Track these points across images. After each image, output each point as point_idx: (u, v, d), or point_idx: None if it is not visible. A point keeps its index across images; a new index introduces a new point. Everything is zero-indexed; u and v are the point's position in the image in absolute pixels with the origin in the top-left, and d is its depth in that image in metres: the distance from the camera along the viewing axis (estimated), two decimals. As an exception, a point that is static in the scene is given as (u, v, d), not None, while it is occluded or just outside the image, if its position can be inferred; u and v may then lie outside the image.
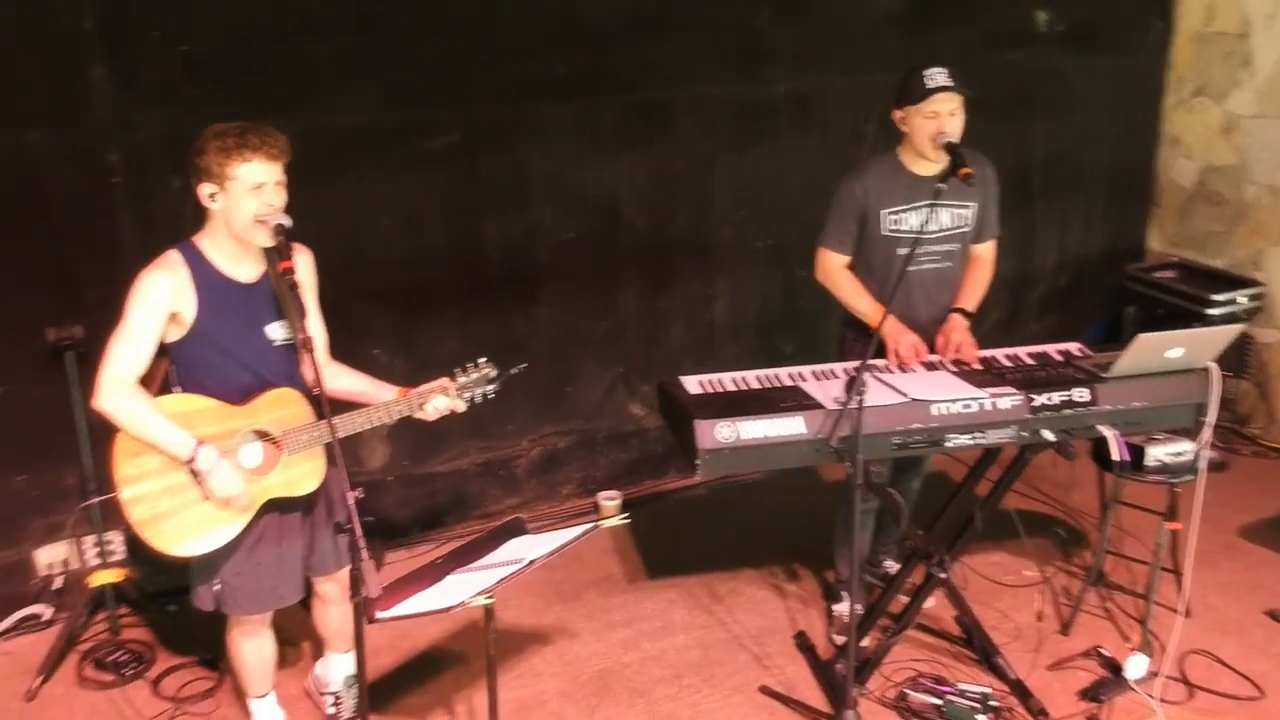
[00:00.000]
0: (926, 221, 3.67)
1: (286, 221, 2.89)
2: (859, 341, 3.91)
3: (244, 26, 3.97)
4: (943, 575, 3.66)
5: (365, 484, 4.67)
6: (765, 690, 3.81)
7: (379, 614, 2.75)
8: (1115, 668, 3.83)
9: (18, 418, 3.96)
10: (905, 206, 3.75)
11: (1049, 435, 3.37)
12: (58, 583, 4.18)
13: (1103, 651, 3.94)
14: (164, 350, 3.04)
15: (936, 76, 3.59)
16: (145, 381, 3.02)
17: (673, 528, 4.97)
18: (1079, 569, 4.43)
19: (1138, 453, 3.89)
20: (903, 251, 3.79)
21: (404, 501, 4.78)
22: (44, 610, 4.18)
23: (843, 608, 4.15)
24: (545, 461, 5.01)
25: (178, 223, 3.99)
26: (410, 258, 4.47)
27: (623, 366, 4.96)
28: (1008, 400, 3.36)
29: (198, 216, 2.99)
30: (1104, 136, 5.69)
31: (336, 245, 4.30)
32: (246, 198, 2.88)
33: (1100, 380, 3.43)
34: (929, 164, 3.71)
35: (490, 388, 3.25)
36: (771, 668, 3.95)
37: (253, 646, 3.37)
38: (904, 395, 3.34)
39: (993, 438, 3.38)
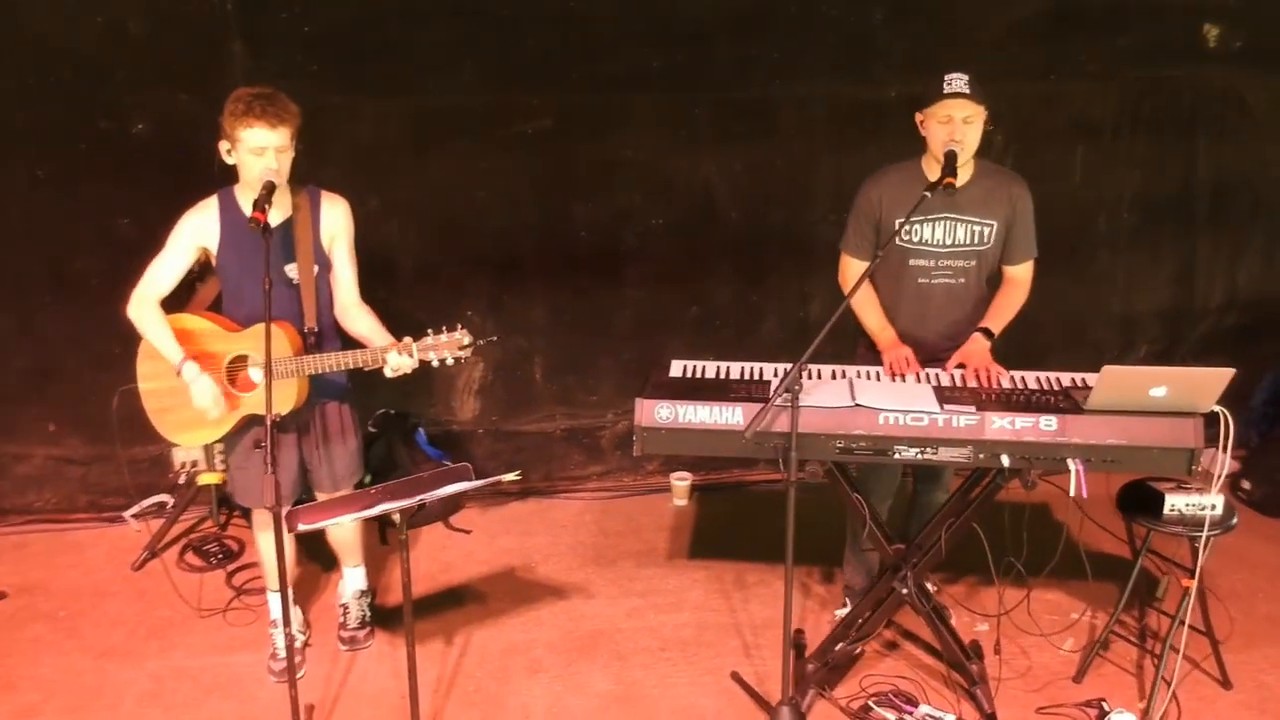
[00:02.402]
0: (942, 235, 3.65)
1: (276, 180, 3.32)
2: (870, 351, 3.90)
3: (358, 11, 4.49)
4: (904, 590, 3.61)
5: (456, 433, 5.18)
6: (734, 676, 3.89)
7: (301, 526, 3.14)
8: (1105, 722, 3.60)
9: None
10: (919, 216, 3.69)
11: (1005, 460, 3.24)
12: (183, 478, 4.92)
13: (1103, 704, 3.69)
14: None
15: (954, 81, 3.53)
16: (196, 298, 3.64)
17: (738, 517, 5.07)
18: (1135, 619, 4.15)
19: (1157, 499, 3.62)
20: (914, 263, 3.75)
21: (492, 454, 5.20)
22: (169, 499, 4.95)
23: (844, 612, 4.14)
24: (630, 436, 5.23)
25: (296, 178, 4.64)
26: (504, 230, 4.86)
27: (712, 354, 5.06)
28: (963, 419, 3.26)
29: (223, 167, 3.48)
30: (1291, 166, 5.15)
31: (437, 213, 4.84)
32: (249, 157, 3.34)
33: (1072, 411, 3.24)
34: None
35: (462, 354, 3.46)
36: (755, 658, 4.01)
37: (264, 541, 3.88)
38: (850, 399, 3.33)
39: (944, 455, 3.28)
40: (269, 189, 3.29)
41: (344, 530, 4.00)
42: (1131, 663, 3.97)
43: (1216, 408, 3.23)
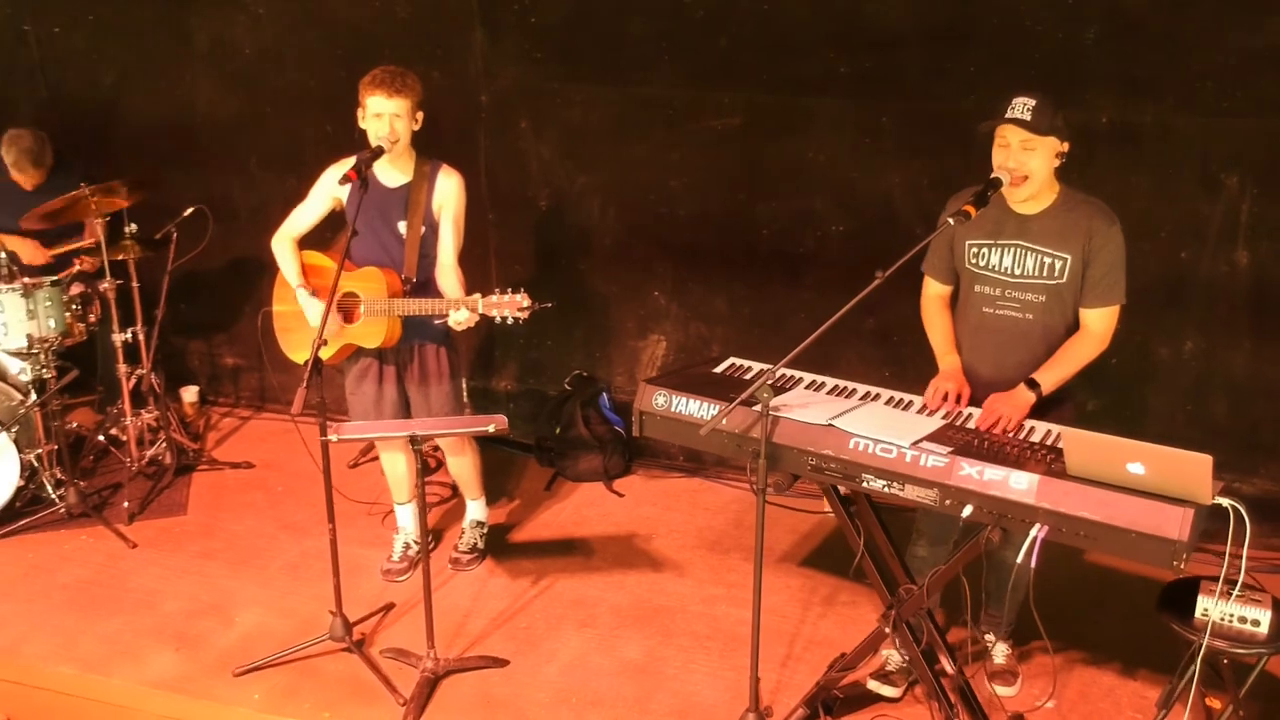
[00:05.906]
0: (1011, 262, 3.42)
1: (386, 146, 3.86)
2: (941, 378, 3.71)
3: (576, 6, 4.93)
4: (887, 630, 3.46)
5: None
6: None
7: (332, 435, 3.68)
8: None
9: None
10: (989, 241, 3.46)
11: (967, 510, 3.02)
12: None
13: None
14: None
15: (1016, 106, 3.27)
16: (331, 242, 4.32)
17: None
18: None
19: (1190, 596, 3.14)
20: (980, 290, 3.52)
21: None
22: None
23: (888, 652, 3.97)
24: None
25: (519, 153, 5.23)
26: (692, 219, 5.09)
27: (889, 371, 4.96)
28: (931, 460, 3.08)
29: (361, 132, 4.08)
30: None
31: (633, 196, 5.21)
32: (372, 120, 3.93)
33: (1052, 475, 2.93)
34: (1022, 199, 3.38)
35: (521, 314, 3.80)
36: (788, 669, 3.99)
37: (386, 460, 4.52)
38: (823, 417, 3.25)
39: (911, 494, 3.12)
40: (376, 153, 3.84)
41: (461, 469, 4.54)
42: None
43: (1225, 501, 2.78)
